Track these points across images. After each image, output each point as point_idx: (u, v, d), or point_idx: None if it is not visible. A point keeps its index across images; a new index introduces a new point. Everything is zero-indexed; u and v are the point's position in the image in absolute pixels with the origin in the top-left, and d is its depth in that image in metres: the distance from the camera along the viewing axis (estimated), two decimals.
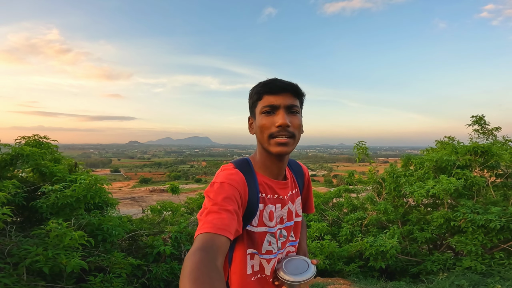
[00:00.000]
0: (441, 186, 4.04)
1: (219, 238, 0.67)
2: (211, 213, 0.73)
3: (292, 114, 0.90)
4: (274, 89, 0.89)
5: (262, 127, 0.90)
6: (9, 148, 3.40)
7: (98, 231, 2.94)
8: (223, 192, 0.79)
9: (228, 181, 0.83)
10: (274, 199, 0.95)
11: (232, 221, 0.73)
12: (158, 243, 3.27)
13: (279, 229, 0.96)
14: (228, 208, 0.75)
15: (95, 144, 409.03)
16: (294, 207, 1.02)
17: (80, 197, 2.80)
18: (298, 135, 0.92)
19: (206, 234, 0.67)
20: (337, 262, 4.21)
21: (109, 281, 2.61)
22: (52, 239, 2.31)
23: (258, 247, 0.90)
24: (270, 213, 0.92)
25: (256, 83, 0.94)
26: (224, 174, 0.87)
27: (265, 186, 0.94)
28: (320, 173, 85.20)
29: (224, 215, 0.72)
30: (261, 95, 0.91)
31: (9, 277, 2.14)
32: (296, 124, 0.90)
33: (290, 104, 0.89)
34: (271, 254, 0.92)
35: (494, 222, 3.66)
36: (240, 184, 0.85)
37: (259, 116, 0.91)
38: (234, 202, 0.78)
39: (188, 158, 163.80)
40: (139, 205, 11.90)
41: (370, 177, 6.05)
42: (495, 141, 5.48)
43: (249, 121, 0.99)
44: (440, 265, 3.93)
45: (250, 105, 0.96)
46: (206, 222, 0.70)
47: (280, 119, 0.86)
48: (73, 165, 4.23)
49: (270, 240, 0.92)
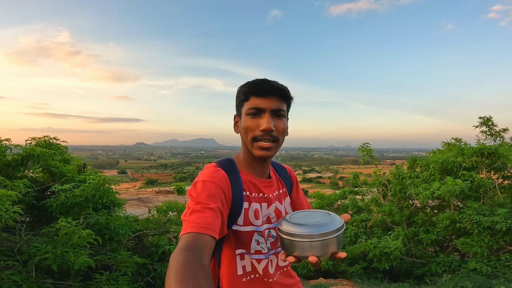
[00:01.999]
0: (447, 187, 4.01)
1: (204, 237, 0.66)
2: (194, 213, 0.72)
3: (277, 118, 0.89)
4: (261, 91, 0.88)
5: (246, 128, 0.89)
6: (20, 149, 3.50)
7: (105, 230, 3.00)
8: (205, 190, 0.78)
9: (210, 179, 0.82)
10: (259, 198, 0.94)
11: (215, 219, 0.72)
12: (164, 243, 3.32)
13: (267, 229, 0.94)
14: (211, 206, 0.74)
15: (102, 145, 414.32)
16: (282, 206, 1.00)
17: (88, 197, 2.87)
18: (281, 139, 0.91)
19: (190, 234, 0.66)
20: (340, 263, 4.20)
21: (115, 279, 2.67)
22: (61, 237, 2.37)
23: (246, 246, 0.89)
24: (255, 211, 0.91)
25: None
26: (206, 172, 0.86)
27: (249, 184, 0.93)
28: (326, 175, 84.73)
29: (207, 213, 0.72)
30: (248, 96, 0.89)
31: (18, 274, 2.20)
32: (280, 128, 0.89)
33: (276, 108, 0.88)
34: (260, 254, 0.90)
35: (500, 224, 3.62)
36: (223, 181, 0.84)
37: (244, 117, 0.90)
38: (218, 200, 0.78)
39: (193, 160, 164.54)
40: (145, 206, 12.03)
41: (375, 179, 6.03)
42: (503, 143, 5.41)
43: (234, 119, 0.98)
44: (445, 266, 3.90)
45: (237, 104, 0.95)
46: (190, 222, 0.70)
47: (265, 123, 0.86)
48: (82, 166, 4.33)
49: (258, 239, 0.90)
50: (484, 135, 5.67)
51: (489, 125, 5.65)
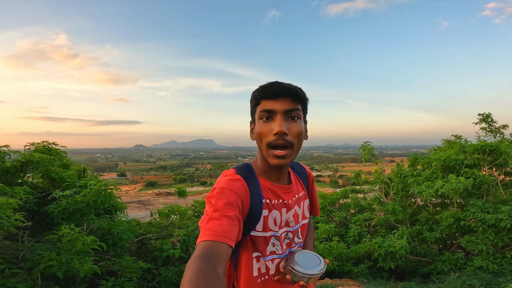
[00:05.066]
0: (451, 185, 4.00)
1: (220, 246, 0.67)
2: (212, 220, 0.73)
3: (291, 120, 0.86)
4: (271, 94, 0.85)
5: (260, 134, 0.87)
6: (19, 155, 3.47)
7: (108, 235, 2.98)
8: (224, 197, 0.78)
9: (229, 187, 0.82)
10: (279, 204, 0.93)
11: (233, 228, 0.72)
12: (167, 247, 3.29)
13: (285, 232, 0.95)
14: (229, 214, 0.74)
15: (101, 148, 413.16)
16: (300, 210, 1.01)
17: (90, 202, 2.84)
18: (298, 143, 0.88)
19: (207, 242, 0.67)
20: (345, 263, 4.19)
21: (121, 285, 2.64)
22: (65, 244, 2.34)
23: (262, 250, 0.90)
24: (275, 219, 0.91)
25: (258, 84, 0.91)
26: (225, 180, 0.86)
27: (268, 191, 0.92)
28: (326, 174, 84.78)
29: (224, 221, 0.72)
30: (259, 100, 0.88)
31: (24, 282, 2.18)
32: (295, 131, 0.86)
33: (289, 109, 0.85)
34: (274, 255, 0.92)
35: (504, 221, 3.61)
36: (242, 189, 0.84)
37: (258, 122, 0.88)
38: (236, 208, 0.78)
39: (193, 161, 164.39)
40: (146, 208, 11.98)
41: (376, 177, 6.01)
42: (503, 139, 5.41)
43: (250, 126, 0.97)
44: (451, 265, 3.89)
45: (251, 110, 0.94)
46: (207, 230, 0.70)
47: (277, 126, 0.83)
48: (82, 171, 4.29)
49: (274, 242, 0.92)
50: (484, 131, 5.67)
51: (489, 121, 5.65)
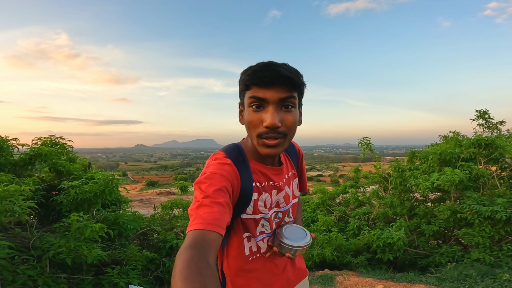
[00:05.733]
0: (446, 177, 4.08)
1: (210, 234, 0.64)
2: (202, 207, 0.70)
3: (285, 110, 0.78)
4: (263, 81, 0.75)
5: (249, 123, 0.80)
6: (27, 149, 3.56)
7: (114, 225, 3.07)
8: (214, 183, 0.75)
9: (219, 172, 0.78)
10: (269, 186, 0.91)
11: (223, 215, 0.70)
12: (171, 237, 3.38)
13: (274, 212, 0.94)
14: (220, 201, 0.71)
15: (102, 148, 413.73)
16: (290, 190, 0.99)
17: (97, 193, 2.93)
18: (291, 133, 0.81)
19: (196, 231, 0.64)
20: (345, 255, 4.27)
21: (126, 273, 2.73)
22: (73, 231, 2.43)
23: (252, 231, 0.90)
24: (265, 201, 0.90)
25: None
26: (215, 164, 0.82)
27: (258, 174, 0.89)
28: (326, 173, 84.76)
29: (215, 208, 0.69)
30: (249, 86, 0.78)
31: (33, 269, 2.26)
32: (289, 122, 0.79)
33: (283, 97, 0.76)
34: (264, 234, 0.92)
35: (500, 213, 3.68)
36: (232, 174, 0.80)
37: (247, 109, 0.81)
38: (226, 194, 0.75)
39: (194, 161, 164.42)
40: (148, 206, 12.07)
41: (376, 172, 6.09)
42: (500, 135, 5.48)
43: (239, 108, 0.89)
44: (448, 257, 3.96)
45: (239, 92, 0.85)
46: (197, 217, 0.68)
47: (269, 118, 0.75)
48: (87, 165, 4.39)
49: (264, 223, 0.91)
50: (481, 128, 5.74)
51: (486, 118, 5.72)
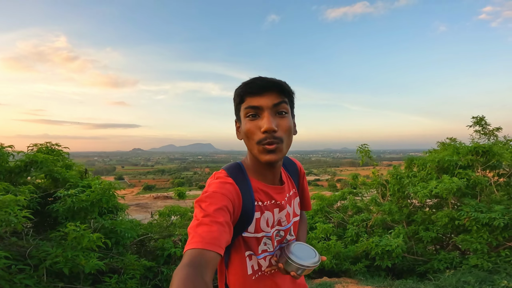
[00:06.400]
0: (444, 185, 4.10)
1: (208, 254, 0.65)
2: (201, 226, 0.70)
3: (279, 116, 0.83)
4: (255, 89, 0.81)
5: (247, 132, 0.83)
6: (23, 155, 3.53)
7: (111, 234, 3.04)
8: (215, 202, 0.75)
9: (220, 191, 0.79)
10: (271, 205, 0.91)
11: (223, 234, 0.70)
12: (169, 245, 3.35)
13: (276, 230, 0.94)
14: (220, 220, 0.71)
15: (99, 151, 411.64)
16: (291, 208, 0.99)
17: (94, 201, 2.91)
18: (287, 139, 0.84)
19: (195, 250, 0.65)
20: (343, 262, 4.26)
21: (124, 282, 2.70)
22: (70, 241, 2.40)
23: (254, 250, 0.90)
24: (267, 220, 0.90)
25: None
26: (217, 183, 0.82)
27: (260, 192, 0.89)
28: (324, 178, 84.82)
29: (214, 227, 0.69)
30: (243, 97, 0.83)
31: (30, 278, 2.23)
32: (284, 127, 0.82)
33: (276, 103, 0.81)
34: (266, 253, 0.92)
35: (497, 220, 3.71)
36: (233, 193, 0.81)
37: (244, 120, 0.84)
38: (226, 213, 0.75)
39: (191, 165, 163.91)
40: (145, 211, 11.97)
41: (374, 179, 6.11)
42: (496, 141, 5.53)
43: (236, 125, 0.92)
44: (447, 263, 3.97)
45: (235, 109, 0.90)
46: (196, 236, 0.68)
47: (265, 123, 0.79)
48: (84, 172, 4.36)
49: (266, 242, 0.91)
50: (478, 134, 5.80)
51: (482, 124, 5.78)
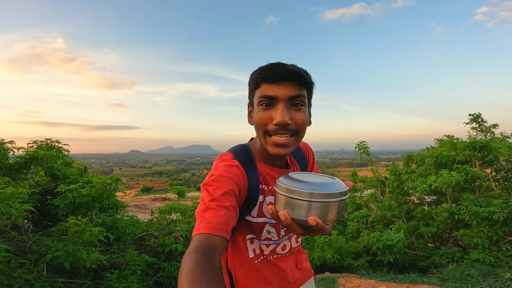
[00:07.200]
0: (443, 179, 4.12)
1: (215, 238, 0.65)
2: (209, 210, 0.70)
3: (295, 108, 0.78)
4: (273, 77, 0.76)
5: (258, 121, 0.80)
6: (23, 151, 3.50)
7: (112, 229, 3.02)
8: (222, 186, 0.75)
9: (227, 174, 0.78)
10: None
11: (229, 219, 0.70)
12: (170, 241, 3.34)
13: None
14: (227, 205, 0.71)
15: (96, 153, 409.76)
16: None
17: (95, 196, 2.89)
18: (302, 131, 0.81)
19: (202, 235, 0.65)
20: (345, 257, 4.26)
21: (125, 277, 2.68)
22: (71, 235, 2.38)
23: (257, 234, 0.89)
24: (269, 204, 0.90)
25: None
26: (223, 165, 0.81)
27: (266, 176, 0.88)
28: None
29: (222, 212, 0.70)
30: (259, 84, 0.79)
31: (29, 273, 2.21)
32: (299, 120, 0.79)
33: (293, 95, 0.77)
34: (270, 241, 0.91)
35: (497, 214, 3.73)
36: (239, 176, 0.80)
37: (256, 107, 0.81)
38: (233, 197, 0.75)
39: (189, 167, 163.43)
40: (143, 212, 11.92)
41: (373, 176, 6.13)
42: (493, 138, 5.58)
43: (248, 109, 0.90)
44: (448, 258, 3.97)
45: (249, 93, 0.86)
46: (203, 221, 0.68)
47: (279, 115, 0.75)
48: (83, 169, 4.33)
49: (270, 229, 0.89)
50: (475, 131, 5.85)
51: (479, 121, 5.84)
